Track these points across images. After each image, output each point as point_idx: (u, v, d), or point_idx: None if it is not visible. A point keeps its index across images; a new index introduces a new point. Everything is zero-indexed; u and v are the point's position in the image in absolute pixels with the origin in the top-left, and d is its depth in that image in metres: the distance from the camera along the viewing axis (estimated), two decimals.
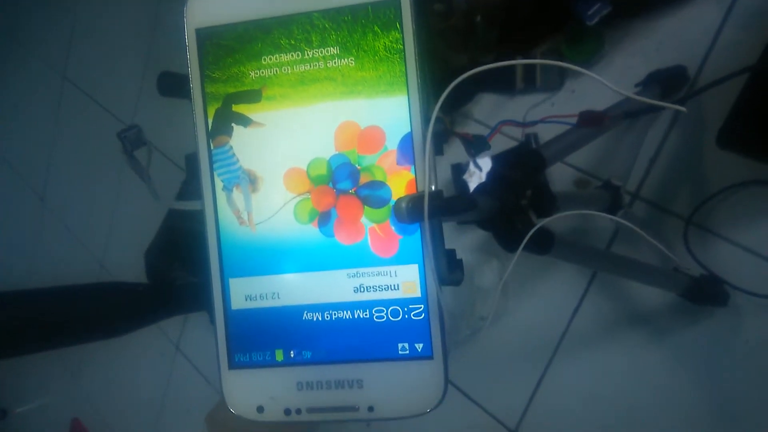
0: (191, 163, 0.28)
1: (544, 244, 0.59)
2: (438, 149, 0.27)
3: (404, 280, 0.27)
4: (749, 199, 0.78)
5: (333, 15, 0.27)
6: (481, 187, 0.59)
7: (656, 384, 0.86)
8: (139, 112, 1.58)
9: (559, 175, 0.94)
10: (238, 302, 0.29)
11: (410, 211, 0.25)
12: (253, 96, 0.28)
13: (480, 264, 0.99)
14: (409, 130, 0.27)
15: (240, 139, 0.28)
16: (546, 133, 0.92)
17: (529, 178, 0.59)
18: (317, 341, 0.28)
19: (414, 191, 0.27)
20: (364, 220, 0.27)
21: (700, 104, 0.81)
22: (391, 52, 0.27)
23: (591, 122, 0.48)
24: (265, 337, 0.28)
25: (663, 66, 0.84)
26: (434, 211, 0.25)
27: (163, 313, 0.45)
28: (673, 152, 0.83)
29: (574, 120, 0.48)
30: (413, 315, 0.27)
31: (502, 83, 0.97)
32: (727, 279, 0.79)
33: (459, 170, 0.98)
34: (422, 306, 0.27)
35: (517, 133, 0.96)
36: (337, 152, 0.28)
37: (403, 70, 0.27)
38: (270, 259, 0.28)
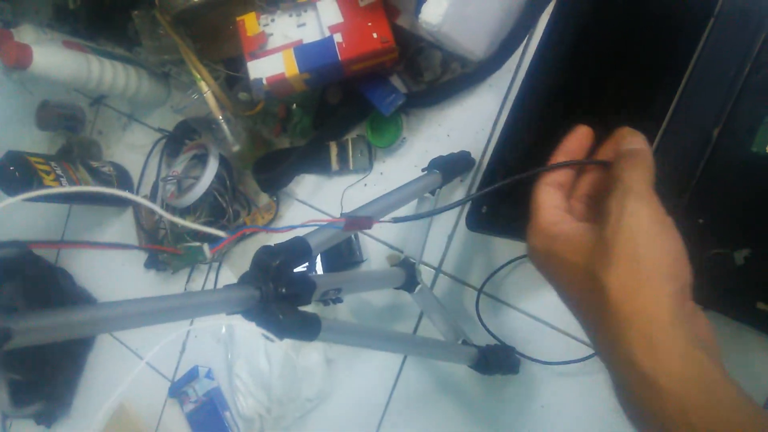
0: None
1: (311, 330, 0.60)
2: None
3: None
4: (530, 272, 0.85)
5: None
6: (243, 277, 0.61)
7: None
8: None
9: (375, 251, 0.98)
10: None
11: None
12: None
13: (303, 345, 0.99)
14: None
15: None
16: None
17: (291, 266, 0.61)
18: None
19: None
20: None
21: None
22: None
23: (357, 227, 0.51)
24: None
25: (456, 150, 0.91)
26: None
27: None
28: (465, 231, 0.90)
29: (341, 224, 0.51)
30: None
31: (320, 165, 1.01)
32: (516, 347, 0.84)
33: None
34: None
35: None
36: None
37: None
38: None
